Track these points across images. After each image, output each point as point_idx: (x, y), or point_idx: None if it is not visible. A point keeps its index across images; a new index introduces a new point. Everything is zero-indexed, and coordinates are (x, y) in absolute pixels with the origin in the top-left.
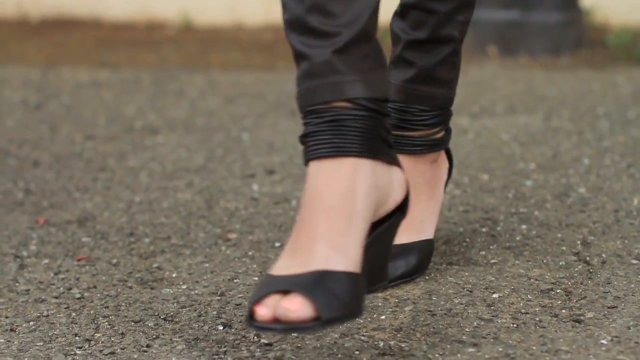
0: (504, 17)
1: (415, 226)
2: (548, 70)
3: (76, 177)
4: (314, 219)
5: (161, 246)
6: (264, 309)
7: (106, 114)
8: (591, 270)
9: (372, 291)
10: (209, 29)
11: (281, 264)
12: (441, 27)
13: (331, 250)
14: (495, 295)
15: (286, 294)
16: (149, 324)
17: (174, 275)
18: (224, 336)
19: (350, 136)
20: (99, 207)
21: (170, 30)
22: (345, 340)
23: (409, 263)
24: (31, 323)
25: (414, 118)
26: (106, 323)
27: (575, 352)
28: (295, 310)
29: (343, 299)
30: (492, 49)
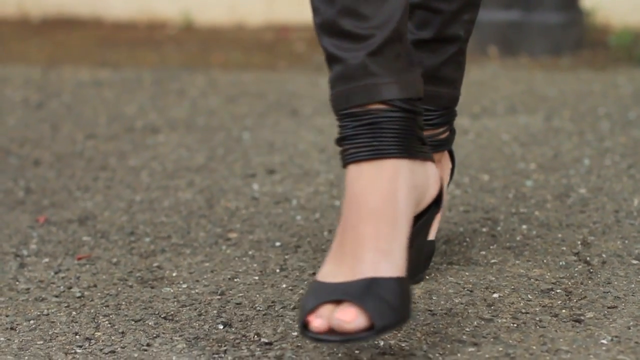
0: (504, 18)
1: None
2: (549, 71)
3: (77, 176)
4: (359, 224)
5: (161, 245)
6: (318, 320)
7: (107, 113)
8: (591, 271)
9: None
10: (210, 28)
11: (328, 270)
12: (447, 26)
13: (379, 257)
14: (496, 295)
15: (338, 303)
16: (150, 323)
17: (174, 275)
18: (224, 335)
19: (388, 138)
20: (99, 206)
21: (171, 29)
22: None
23: (410, 263)
24: (31, 322)
25: None
26: (106, 322)
27: (575, 352)
28: (350, 321)
29: (394, 305)
30: (493, 50)
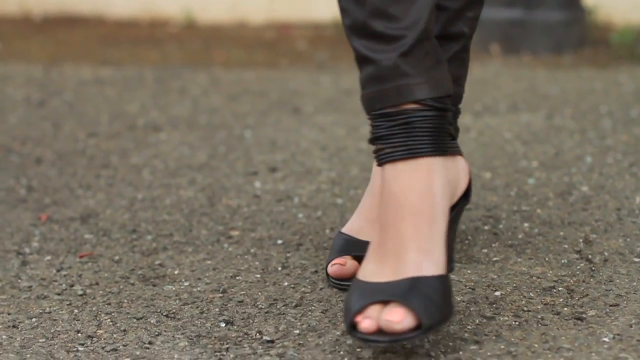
0: (507, 16)
1: None
2: (551, 69)
3: (79, 174)
4: (399, 223)
5: (163, 243)
6: (367, 321)
7: (109, 112)
8: (593, 268)
9: None
10: (212, 26)
11: (371, 270)
12: (451, 23)
13: (421, 256)
14: (497, 293)
15: (385, 303)
16: (151, 321)
17: (176, 272)
18: (226, 333)
19: (422, 137)
20: (101, 204)
21: (173, 27)
22: (347, 337)
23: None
24: (33, 319)
25: None
26: (108, 320)
27: (577, 349)
28: (399, 321)
29: (438, 303)
30: (495, 48)
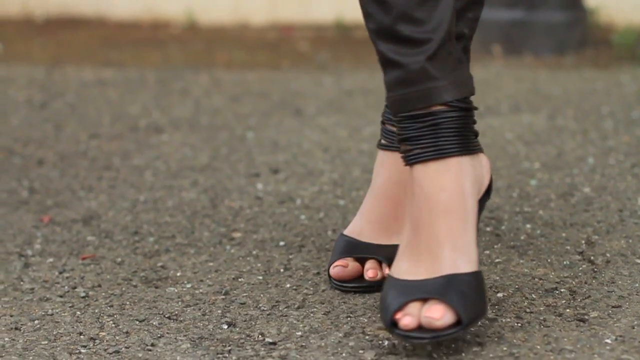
0: (508, 17)
1: None
2: (552, 70)
3: (81, 175)
4: (433, 222)
5: (166, 245)
6: (408, 318)
7: (111, 113)
8: (595, 270)
9: None
10: (214, 27)
11: (407, 268)
12: None
13: (455, 253)
14: (500, 295)
15: (423, 301)
16: (154, 323)
17: (178, 274)
18: (228, 335)
19: (450, 137)
20: (103, 206)
21: (175, 29)
22: (349, 339)
23: None
24: (36, 322)
25: None
26: (111, 322)
27: (579, 351)
28: (439, 317)
29: (475, 299)
30: (497, 48)
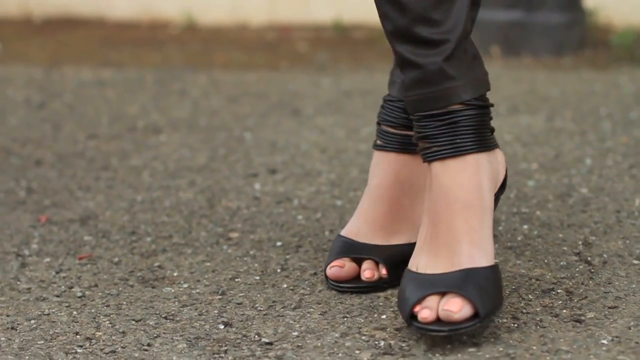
0: (507, 18)
1: (418, 226)
2: (551, 71)
3: (78, 176)
4: (451, 217)
5: (163, 245)
6: (426, 311)
7: (109, 113)
8: (592, 271)
9: None
10: (213, 28)
11: (425, 262)
12: None
13: (473, 248)
14: None
15: (442, 294)
16: (150, 323)
17: (175, 274)
18: (225, 335)
19: (468, 135)
20: (101, 206)
21: (173, 29)
22: (345, 339)
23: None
24: (32, 321)
25: None
26: (107, 322)
27: (575, 352)
28: (457, 311)
29: (492, 293)
30: (495, 49)
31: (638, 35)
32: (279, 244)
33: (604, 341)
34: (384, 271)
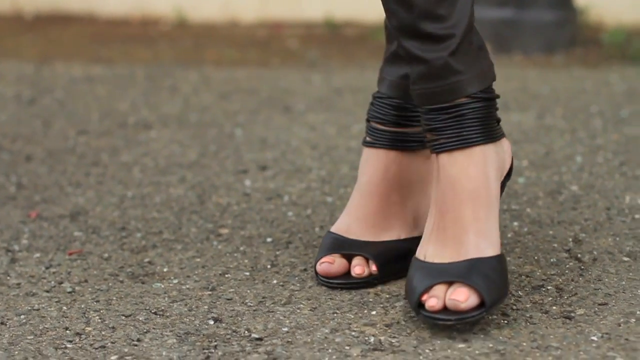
0: (498, 15)
1: (407, 223)
2: (542, 69)
3: (69, 171)
4: (459, 208)
5: (153, 241)
6: (433, 299)
7: (99, 109)
8: (582, 267)
9: None
10: (204, 25)
11: (433, 251)
12: None
13: (479, 238)
14: None
15: (449, 284)
16: (140, 318)
17: (165, 270)
18: (214, 330)
19: (474, 127)
20: (91, 201)
21: (164, 26)
22: (335, 335)
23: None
24: (22, 316)
25: (409, 114)
26: (97, 317)
27: (565, 348)
28: (464, 300)
29: (497, 282)
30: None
31: (629, 34)
32: (269, 240)
33: (594, 338)
34: (374, 267)
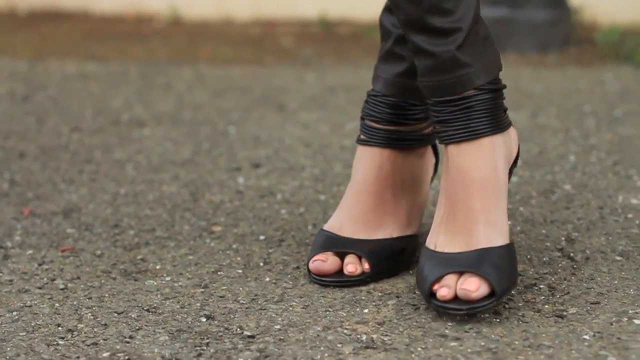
0: (492, 14)
1: (400, 221)
2: (536, 68)
3: (62, 168)
4: (468, 198)
5: (146, 238)
6: (445, 289)
7: (93, 107)
8: (575, 267)
9: None
10: (198, 23)
11: (443, 241)
12: None
13: (489, 228)
14: None
15: (460, 273)
16: (132, 315)
17: (157, 267)
18: (207, 328)
19: (482, 118)
20: (84, 198)
21: (158, 23)
22: (328, 333)
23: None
24: (14, 313)
25: (404, 112)
26: (89, 314)
27: (557, 347)
28: (475, 290)
29: (507, 271)
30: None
31: (622, 33)
32: (262, 237)
33: (586, 336)
34: (366, 265)
